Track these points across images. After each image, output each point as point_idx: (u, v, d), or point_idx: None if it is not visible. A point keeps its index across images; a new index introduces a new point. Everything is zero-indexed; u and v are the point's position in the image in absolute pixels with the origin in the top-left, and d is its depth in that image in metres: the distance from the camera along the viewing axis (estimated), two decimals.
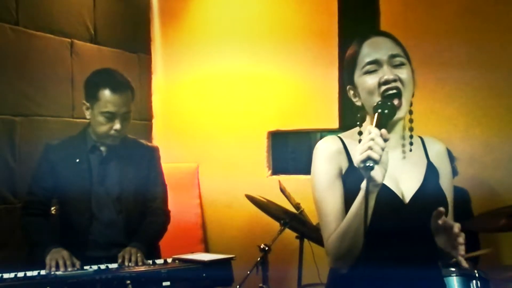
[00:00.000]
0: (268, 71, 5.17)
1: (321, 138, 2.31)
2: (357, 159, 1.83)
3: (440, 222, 1.93)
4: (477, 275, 3.44)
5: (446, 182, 2.20)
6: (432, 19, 4.43)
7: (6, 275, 2.92)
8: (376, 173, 1.82)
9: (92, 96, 3.36)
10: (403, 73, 2.06)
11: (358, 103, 2.17)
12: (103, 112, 3.31)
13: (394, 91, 2.02)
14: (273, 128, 5.24)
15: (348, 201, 2.05)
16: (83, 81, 3.49)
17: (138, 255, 3.22)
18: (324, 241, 2.09)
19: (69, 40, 4.68)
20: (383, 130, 1.85)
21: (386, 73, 2.05)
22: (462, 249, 1.88)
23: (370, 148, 1.80)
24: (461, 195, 4.06)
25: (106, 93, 3.31)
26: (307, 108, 5.04)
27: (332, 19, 4.85)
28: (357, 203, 1.92)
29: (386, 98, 2.01)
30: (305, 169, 5.02)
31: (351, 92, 2.19)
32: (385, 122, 1.92)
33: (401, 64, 2.08)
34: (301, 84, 5.05)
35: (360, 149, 1.83)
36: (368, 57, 2.10)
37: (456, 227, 1.88)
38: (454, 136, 4.29)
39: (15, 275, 2.93)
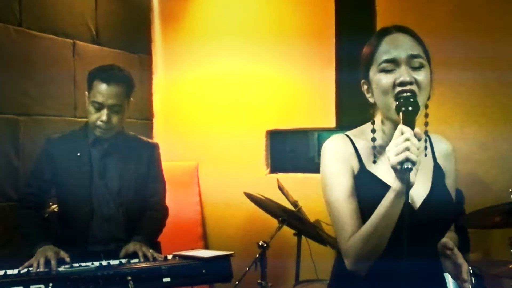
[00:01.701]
0: (266, 71, 5.17)
1: (318, 137, 2.27)
2: (392, 160, 1.74)
3: (448, 253, 1.95)
4: (471, 271, 3.44)
5: (450, 183, 2.15)
6: (427, 20, 4.42)
7: (9, 271, 2.92)
8: (411, 174, 1.73)
9: (88, 86, 3.40)
10: (421, 75, 1.95)
11: (371, 100, 2.07)
12: (92, 101, 3.34)
13: (409, 93, 1.91)
14: (272, 127, 5.23)
15: (361, 202, 1.99)
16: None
17: (151, 251, 3.25)
18: (342, 242, 2.00)
19: (72, 41, 4.67)
20: (417, 129, 1.77)
21: (403, 74, 1.93)
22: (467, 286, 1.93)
23: (407, 149, 1.71)
24: (457, 196, 4.06)
25: (97, 83, 3.33)
26: (305, 108, 5.04)
27: (329, 19, 4.85)
28: (386, 204, 1.83)
29: (400, 100, 1.90)
30: (303, 167, 5.03)
31: (365, 87, 2.08)
32: (412, 119, 1.83)
33: (420, 66, 1.96)
34: (299, 84, 5.04)
35: (394, 150, 1.74)
36: (386, 55, 1.98)
37: (465, 272, 1.91)
38: (449, 135, 4.22)
39: (18, 271, 2.94)
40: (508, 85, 4.24)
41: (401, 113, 1.86)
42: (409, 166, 1.71)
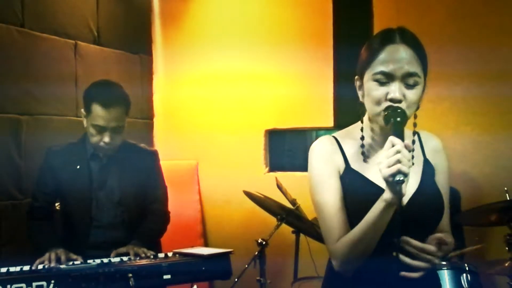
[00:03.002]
0: (265, 71, 5.17)
1: (316, 136, 2.25)
2: (384, 173, 1.73)
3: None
4: (467, 268, 3.44)
5: (442, 179, 2.14)
6: (423, 21, 4.42)
7: (12, 269, 2.92)
8: (402, 185, 1.73)
9: (86, 107, 3.33)
10: (412, 93, 1.93)
11: (361, 99, 2.05)
12: (93, 124, 3.28)
13: (396, 110, 1.89)
14: (270, 126, 5.24)
15: (347, 201, 1.99)
16: (84, 90, 3.46)
17: (142, 248, 3.24)
18: (329, 244, 2.00)
19: (73, 41, 4.67)
20: (407, 142, 1.76)
21: (395, 91, 1.90)
22: None
23: (398, 161, 1.70)
24: (451, 194, 4.06)
25: (97, 108, 3.25)
26: (303, 107, 5.04)
27: (327, 21, 4.85)
28: (375, 213, 1.83)
29: (388, 111, 1.89)
30: (301, 166, 5.01)
31: (358, 83, 2.06)
32: (401, 129, 1.82)
33: (414, 85, 1.93)
34: (298, 84, 5.04)
35: (386, 162, 1.73)
36: (382, 67, 1.93)
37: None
38: (445, 134, 4.29)
39: (21, 268, 2.93)
40: (503, 85, 4.24)
41: (390, 124, 1.86)
42: (401, 178, 1.70)
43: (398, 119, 1.85)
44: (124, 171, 3.47)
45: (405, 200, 1.96)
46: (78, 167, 3.40)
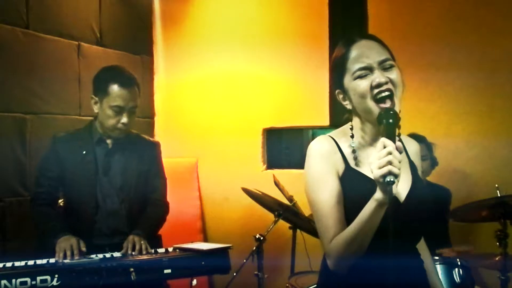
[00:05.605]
0: (263, 72, 5.17)
1: (313, 134, 2.24)
2: (376, 173, 1.73)
3: None
4: (459, 263, 3.45)
5: (421, 177, 2.19)
6: (417, 23, 4.43)
7: (17, 263, 2.91)
8: (393, 186, 1.72)
9: (101, 90, 3.34)
10: (393, 74, 1.97)
11: (349, 107, 2.07)
12: (112, 106, 3.29)
13: (387, 93, 1.93)
14: (268, 125, 5.24)
15: (349, 200, 1.98)
16: (92, 78, 3.46)
17: (142, 242, 3.22)
18: (325, 243, 1.98)
19: (77, 42, 4.67)
20: (398, 143, 1.77)
21: (378, 76, 1.95)
22: None
23: (389, 162, 1.71)
24: (445, 194, 4.07)
25: (116, 88, 3.29)
26: (300, 107, 5.04)
27: (323, 23, 4.85)
28: (367, 213, 1.82)
29: (379, 101, 1.93)
30: (298, 163, 5.04)
31: (340, 96, 2.08)
32: (394, 131, 1.83)
33: (391, 67, 1.98)
34: (294, 84, 5.05)
35: (377, 163, 1.73)
36: (358, 63, 1.99)
37: None
38: (437, 133, 4.29)
39: (26, 263, 2.93)
40: (494, 84, 4.25)
41: (382, 126, 1.86)
42: (392, 179, 1.70)
43: (390, 120, 1.85)
44: (127, 158, 3.48)
45: (402, 197, 1.99)
46: (84, 152, 3.40)
